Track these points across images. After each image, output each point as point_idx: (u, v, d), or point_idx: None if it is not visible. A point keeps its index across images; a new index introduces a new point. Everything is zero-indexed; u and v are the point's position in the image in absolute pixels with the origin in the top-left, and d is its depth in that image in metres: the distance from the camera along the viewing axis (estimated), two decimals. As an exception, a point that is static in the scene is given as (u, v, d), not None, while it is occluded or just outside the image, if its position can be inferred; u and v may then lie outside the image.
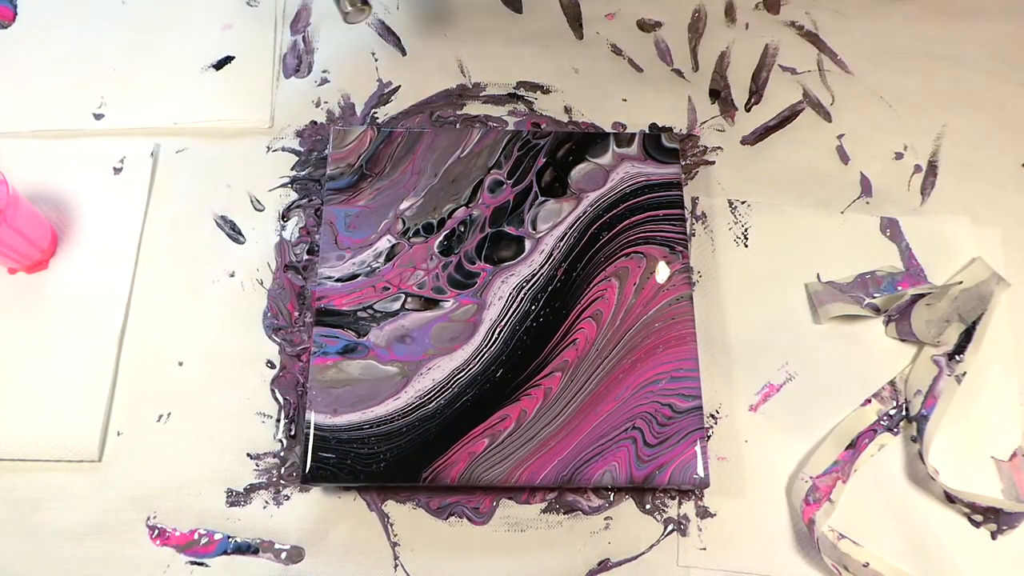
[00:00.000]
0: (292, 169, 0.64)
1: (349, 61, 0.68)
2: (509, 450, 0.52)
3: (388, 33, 0.70)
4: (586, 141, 0.62)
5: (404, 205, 0.59)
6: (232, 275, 0.60)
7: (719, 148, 0.66)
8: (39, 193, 0.62)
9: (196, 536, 0.53)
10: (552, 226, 0.59)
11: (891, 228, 0.62)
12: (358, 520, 0.54)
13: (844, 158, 0.65)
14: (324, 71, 0.68)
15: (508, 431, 0.53)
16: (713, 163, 0.65)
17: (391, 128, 0.62)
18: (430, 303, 0.56)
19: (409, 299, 0.56)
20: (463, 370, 0.54)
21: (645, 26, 0.70)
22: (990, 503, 0.53)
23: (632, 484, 0.52)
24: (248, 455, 0.55)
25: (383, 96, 0.67)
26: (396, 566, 0.53)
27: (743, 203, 0.63)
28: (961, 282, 0.59)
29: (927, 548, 0.54)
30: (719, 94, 0.68)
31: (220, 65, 0.67)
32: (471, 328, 0.56)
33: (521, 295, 0.57)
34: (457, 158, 0.61)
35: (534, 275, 0.57)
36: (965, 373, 0.57)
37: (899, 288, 0.60)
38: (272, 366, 0.58)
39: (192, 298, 0.59)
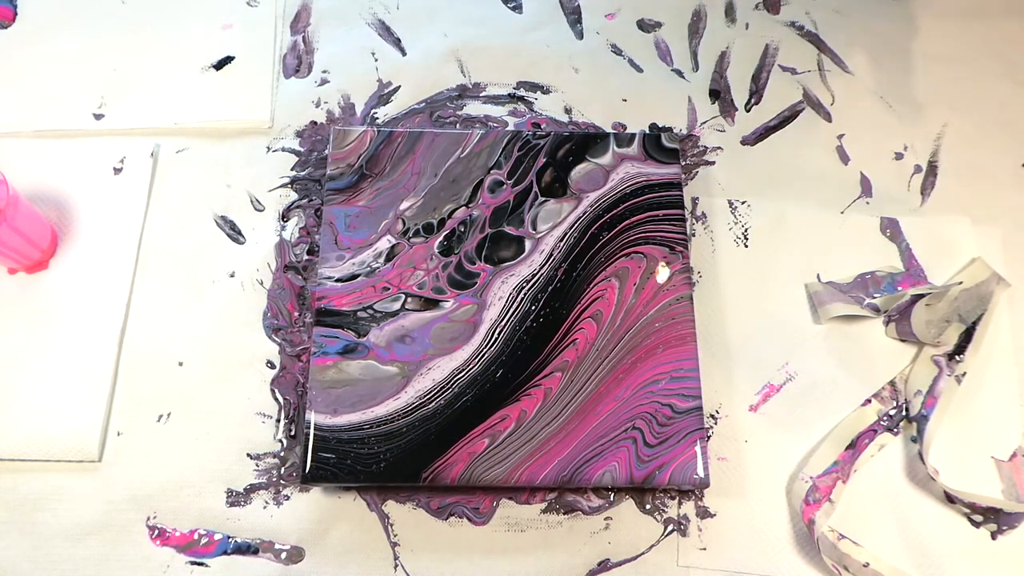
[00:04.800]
0: (292, 169, 0.64)
1: (349, 61, 0.68)
2: (509, 450, 0.52)
3: (388, 33, 0.70)
4: (586, 141, 0.62)
5: (404, 205, 0.59)
6: (232, 275, 0.60)
7: (719, 148, 0.65)
8: (39, 193, 0.62)
9: (196, 536, 0.53)
10: (552, 226, 0.59)
11: (891, 228, 0.62)
12: (358, 520, 0.54)
13: (844, 158, 0.65)
14: (324, 71, 0.68)
15: (508, 431, 0.53)
16: (713, 163, 0.65)
17: (391, 128, 0.62)
18: (430, 303, 0.56)
19: (409, 299, 0.56)
20: (463, 370, 0.54)
21: (645, 26, 0.70)
22: (990, 503, 0.53)
23: (632, 484, 0.52)
24: (248, 455, 0.55)
25: (383, 96, 0.67)
26: (396, 566, 0.53)
27: (743, 203, 0.63)
28: (961, 282, 0.59)
29: (927, 548, 0.54)
30: (719, 94, 0.68)
31: (220, 65, 0.67)
32: (471, 328, 0.56)
33: (521, 295, 0.57)
34: (457, 158, 0.61)
35: (534, 275, 0.57)
36: (965, 373, 0.57)
37: (899, 288, 0.60)
38: (272, 366, 0.58)
39: (192, 298, 0.59)
